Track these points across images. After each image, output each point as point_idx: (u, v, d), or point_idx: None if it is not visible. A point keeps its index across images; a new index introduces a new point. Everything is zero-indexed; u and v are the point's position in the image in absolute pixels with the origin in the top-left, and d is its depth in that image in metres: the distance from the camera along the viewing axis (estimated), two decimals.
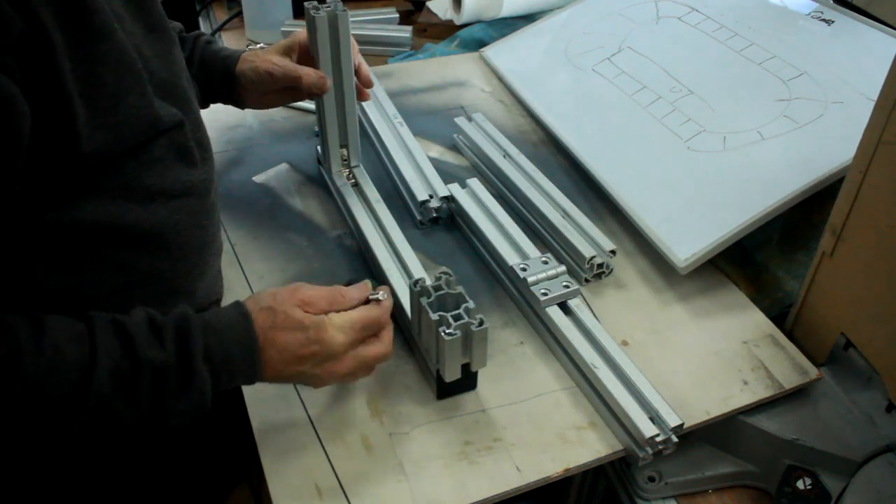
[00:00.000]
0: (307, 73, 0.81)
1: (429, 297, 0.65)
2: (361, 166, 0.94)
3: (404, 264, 0.80)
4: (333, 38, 0.81)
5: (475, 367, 0.68)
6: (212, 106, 0.90)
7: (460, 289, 0.66)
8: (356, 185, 0.92)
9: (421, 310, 0.66)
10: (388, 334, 0.65)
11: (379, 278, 0.80)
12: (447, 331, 0.63)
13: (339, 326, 0.61)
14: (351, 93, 0.85)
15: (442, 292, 0.66)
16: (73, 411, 0.54)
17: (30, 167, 0.54)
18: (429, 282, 0.67)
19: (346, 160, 0.93)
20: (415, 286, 0.66)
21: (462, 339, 0.64)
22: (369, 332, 0.64)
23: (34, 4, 0.51)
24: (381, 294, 0.65)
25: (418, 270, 0.78)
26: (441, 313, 0.64)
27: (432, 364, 0.68)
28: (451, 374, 0.67)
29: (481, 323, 0.64)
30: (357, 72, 0.85)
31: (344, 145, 0.91)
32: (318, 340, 0.60)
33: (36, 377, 0.52)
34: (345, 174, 0.93)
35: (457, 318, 0.64)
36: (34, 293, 0.58)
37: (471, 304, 0.65)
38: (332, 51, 0.81)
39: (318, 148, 0.96)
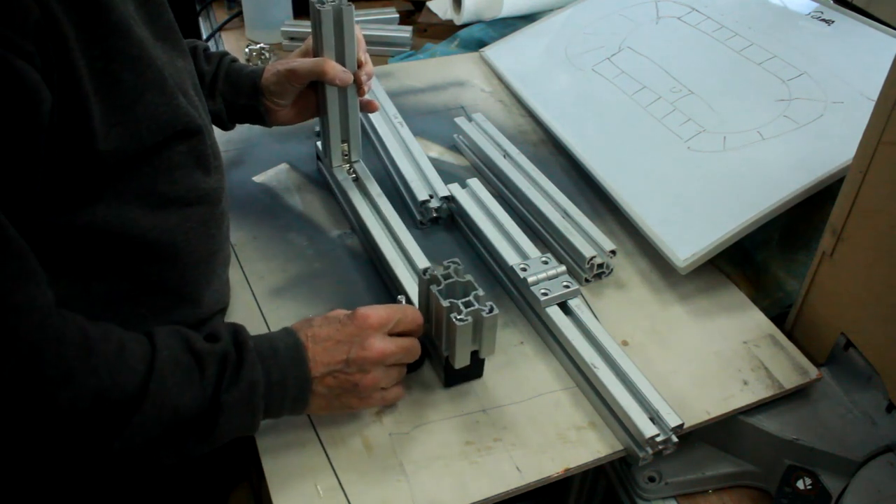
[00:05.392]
0: (332, 64, 0.82)
1: (438, 285, 0.67)
2: (362, 161, 0.94)
3: (409, 257, 0.81)
4: (338, 33, 0.81)
5: (483, 355, 0.70)
6: None
7: (469, 277, 0.68)
8: (357, 180, 0.92)
9: (430, 298, 0.68)
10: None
11: (385, 271, 0.82)
12: (458, 317, 0.64)
13: (380, 335, 0.65)
14: (353, 88, 0.86)
15: (451, 280, 0.67)
16: (136, 403, 0.54)
17: (46, 165, 0.54)
18: (437, 271, 0.69)
19: (346, 155, 0.93)
20: (424, 274, 0.68)
21: (472, 326, 0.66)
22: (404, 358, 0.67)
23: None
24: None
25: (423, 262, 0.79)
26: (451, 300, 0.65)
27: (441, 351, 0.69)
28: (461, 360, 0.68)
29: (492, 309, 0.66)
30: (360, 67, 0.85)
31: (345, 140, 0.92)
32: (354, 327, 0.64)
33: (107, 364, 0.53)
34: (345, 169, 0.94)
35: (467, 304, 0.66)
36: None
37: (480, 292, 0.66)
38: (336, 46, 0.82)
39: (318, 144, 0.96)
